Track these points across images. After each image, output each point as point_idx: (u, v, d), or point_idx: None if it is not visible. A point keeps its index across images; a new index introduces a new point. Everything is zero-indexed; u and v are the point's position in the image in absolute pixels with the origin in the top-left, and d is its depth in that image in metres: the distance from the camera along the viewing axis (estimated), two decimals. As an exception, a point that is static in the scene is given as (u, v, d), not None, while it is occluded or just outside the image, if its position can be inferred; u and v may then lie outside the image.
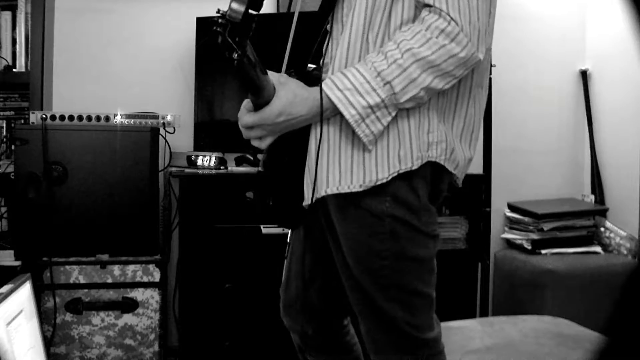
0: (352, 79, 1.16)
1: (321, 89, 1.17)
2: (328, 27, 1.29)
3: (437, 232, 1.27)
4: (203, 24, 2.76)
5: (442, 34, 1.12)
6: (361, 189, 1.20)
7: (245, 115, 1.21)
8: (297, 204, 1.26)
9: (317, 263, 1.41)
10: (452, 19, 1.12)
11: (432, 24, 1.13)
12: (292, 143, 1.26)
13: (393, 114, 1.17)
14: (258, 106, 1.19)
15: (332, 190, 1.20)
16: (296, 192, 1.26)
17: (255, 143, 1.24)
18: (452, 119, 1.26)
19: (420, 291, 1.27)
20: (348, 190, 1.20)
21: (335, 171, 1.21)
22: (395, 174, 1.19)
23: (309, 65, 1.27)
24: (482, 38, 1.15)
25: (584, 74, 3.20)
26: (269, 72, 1.18)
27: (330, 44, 1.28)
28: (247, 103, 1.23)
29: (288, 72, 1.25)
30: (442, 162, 1.23)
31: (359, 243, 1.24)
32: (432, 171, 1.23)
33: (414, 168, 1.20)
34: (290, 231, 1.48)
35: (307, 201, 1.24)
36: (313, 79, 1.23)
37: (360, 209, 1.22)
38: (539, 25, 3.20)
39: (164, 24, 2.96)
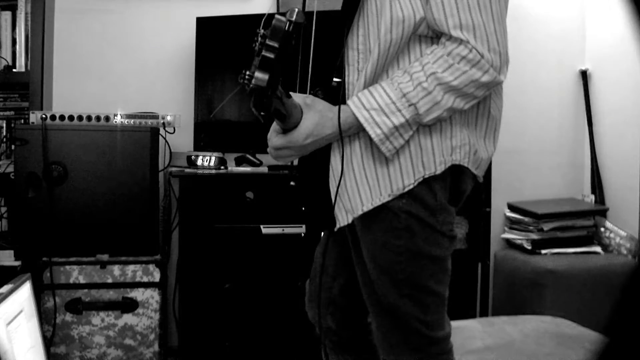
0: (379, 99, 1.19)
1: (339, 110, 1.21)
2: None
3: (454, 233, 1.29)
4: (203, 24, 2.76)
5: (463, 60, 1.16)
6: (390, 198, 1.23)
7: (275, 138, 1.25)
8: (324, 210, 1.31)
9: (341, 259, 1.44)
10: (473, 47, 1.15)
11: (454, 50, 1.16)
12: (320, 158, 1.30)
13: (414, 128, 1.21)
14: (286, 129, 1.23)
15: (368, 207, 1.24)
16: (324, 200, 1.31)
17: (282, 161, 1.29)
18: (475, 121, 1.29)
19: (433, 289, 1.28)
20: (379, 203, 1.23)
21: (365, 188, 1.25)
22: (421, 179, 1.23)
23: (334, 80, 1.30)
24: (504, 61, 1.19)
25: (584, 74, 3.20)
26: (294, 94, 1.21)
27: (346, 69, 1.29)
28: (275, 125, 1.26)
29: (314, 91, 1.28)
30: (465, 164, 1.26)
31: (375, 238, 1.26)
32: (452, 173, 1.26)
33: (437, 173, 1.23)
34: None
35: (343, 222, 1.28)
36: (338, 94, 1.26)
37: (378, 207, 1.24)
38: (539, 25, 3.20)
39: (164, 24, 2.96)
